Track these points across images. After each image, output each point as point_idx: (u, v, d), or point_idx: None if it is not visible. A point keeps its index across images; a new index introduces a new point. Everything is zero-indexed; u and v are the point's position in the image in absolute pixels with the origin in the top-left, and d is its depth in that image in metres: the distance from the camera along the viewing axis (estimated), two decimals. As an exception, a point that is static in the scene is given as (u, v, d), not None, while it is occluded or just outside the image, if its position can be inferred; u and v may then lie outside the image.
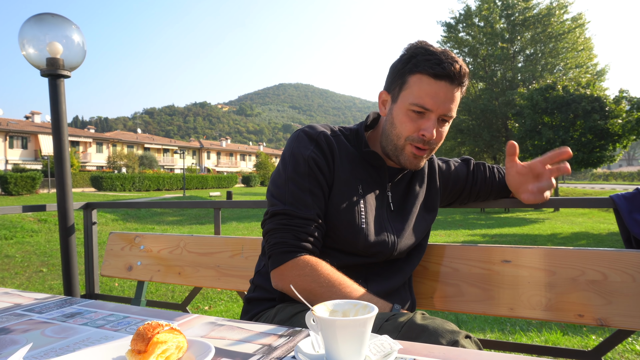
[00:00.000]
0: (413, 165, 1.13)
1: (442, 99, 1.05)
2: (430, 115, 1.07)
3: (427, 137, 1.07)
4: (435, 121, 1.07)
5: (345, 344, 0.65)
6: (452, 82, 1.05)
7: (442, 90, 1.05)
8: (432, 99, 1.05)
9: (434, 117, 1.07)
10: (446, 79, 1.04)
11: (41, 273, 6.57)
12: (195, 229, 13.29)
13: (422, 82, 1.05)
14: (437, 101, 1.05)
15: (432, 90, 1.05)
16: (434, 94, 1.05)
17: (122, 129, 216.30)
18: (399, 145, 1.12)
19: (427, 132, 1.07)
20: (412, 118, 1.08)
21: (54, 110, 2.13)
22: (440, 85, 1.04)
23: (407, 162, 1.13)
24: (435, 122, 1.07)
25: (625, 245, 1.41)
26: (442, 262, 1.42)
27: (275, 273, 1.07)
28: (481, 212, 18.73)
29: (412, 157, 1.12)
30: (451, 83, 1.05)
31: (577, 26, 27.24)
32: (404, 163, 1.14)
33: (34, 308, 1.02)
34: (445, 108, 1.06)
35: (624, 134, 18.60)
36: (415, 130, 1.08)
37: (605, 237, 10.19)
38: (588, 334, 3.46)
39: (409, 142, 1.10)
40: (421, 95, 1.05)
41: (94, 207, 2.42)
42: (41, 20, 2.11)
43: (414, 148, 1.11)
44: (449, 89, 1.05)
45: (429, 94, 1.05)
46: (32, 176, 23.11)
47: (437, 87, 1.04)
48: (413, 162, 1.13)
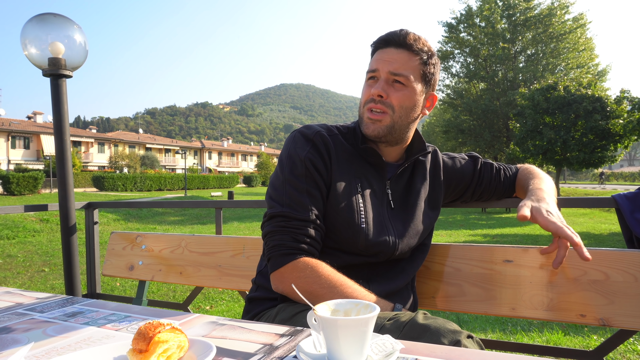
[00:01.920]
0: (370, 130, 1.14)
1: (387, 59, 1.12)
2: (379, 75, 1.13)
3: (373, 93, 1.12)
4: (384, 82, 1.12)
5: (346, 344, 0.65)
6: (398, 46, 1.12)
7: (388, 54, 1.12)
8: (377, 61, 1.13)
9: (382, 77, 1.12)
10: (391, 44, 1.13)
11: (43, 273, 6.58)
12: (196, 228, 13.30)
13: (375, 54, 1.16)
14: (382, 62, 1.12)
15: (379, 56, 1.14)
16: (380, 58, 1.13)
17: (124, 129, 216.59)
18: (361, 114, 1.18)
19: (374, 89, 1.12)
20: (369, 85, 1.16)
21: (56, 110, 2.13)
22: (387, 51, 1.13)
23: (365, 127, 1.16)
24: (383, 82, 1.12)
25: (627, 245, 1.41)
26: (443, 261, 1.42)
27: (275, 276, 1.07)
28: (482, 212, 18.71)
29: (368, 121, 1.14)
30: (397, 47, 1.12)
31: (579, 26, 27.21)
32: (365, 131, 1.16)
33: (36, 307, 1.02)
34: (391, 67, 1.11)
35: (625, 134, 18.58)
36: (369, 94, 1.14)
37: (607, 237, 10.16)
38: (590, 334, 3.46)
39: (367, 108, 1.15)
40: (371, 63, 1.15)
41: (96, 206, 2.42)
42: (43, 20, 2.11)
43: (369, 112, 1.14)
44: (396, 52, 1.12)
45: (376, 59, 1.14)
46: (34, 176, 23.14)
47: (384, 52, 1.13)
48: (369, 126, 1.14)
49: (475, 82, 31.18)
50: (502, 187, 1.39)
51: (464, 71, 31.41)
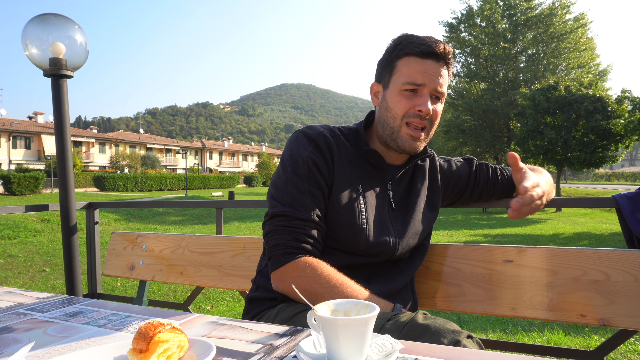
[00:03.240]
0: (412, 147, 1.13)
1: (432, 74, 1.08)
2: (423, 90, 1.09)
3: (423, 111, 1.09)
4: (428, 97, 1.09)
5: (346, 344, 0.65)
6: (438, 60, 1.09)
7: (430, 67, 1.08)
8: (422, 75, 1.08)
9: (426, 92, 1.09)
10: (432, 57, 1.08)
11: (44, 272, 6.59)
12: (197, 228, 13.31)
13: (410, 62, 1.09)
14: (427, 76, 1.08)
15: (421, 68, 1.08)
16: (423, 71, 1.08)
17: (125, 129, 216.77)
18: (395, 127, 1.13)
19: (422, 106, 1.08)
20: (406, 96, 1.10)
21: (57, 110, 2.13)
22: (428, 63, 1.08)
23: (405, 144, 1.13)
24: (428, 97, 1.09)
25: (627, 245, 1.41)
26: (444, 262, 1.42)
27: (276, 275, 1.07)
28: (483, 212, 18.70)
29: (410, 138, 1.12)
30: (437, 61, 1.09)
31: (579, 26, 27.17)
32: (402, 146, 1.13)
33: (37, 307, 1.02)
34: (436, 83, 1.09)
35: (626, 134, 18.54)
36: (410, 107, 1.10)
37: (608, 237, 10.15)
38: (590, 334, 3.45)
39: (404, 122, 1.11)
40: (411, 74, 1.08)
41: (97, 206, 2.43)
42: (44, 20, 2.11)
43: (410, 129, 1.11)
44: (436, 66, 1.09)
45: (419, 71, 1.08)
46: (35, 176, 23.16)
47: (425, 64, 1.08)
48: (411, 143, 1.13)
49: (476, 82, 31.15)
50: (501, 187, 1.39)
51: (465, 71, 31.38)
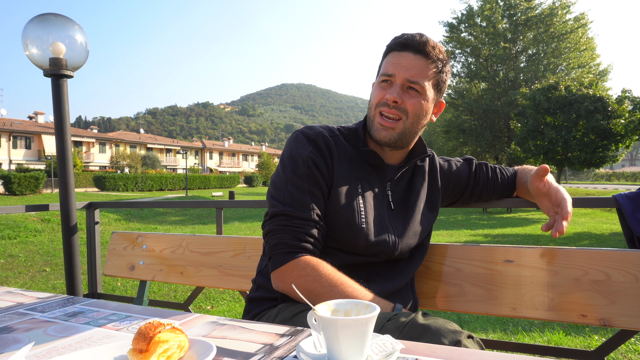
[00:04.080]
0: (381, 136, 1.14)
1: (405, 65, 1.10)
2: (395, 80, 1.11)
3: (389, 98, 1.10)
4: (399, 87, 1.11)
5: (347, 344, 0.65)
6: (416, 52, 1.10)
7: (405, 59, 1.10)
8: (394, 66, 1.11)
9: (397, 82, 1.11)
10: (409, 49, 1.10)
11: (44, 272, 6.59)
12: (197, 228, 13.31)
13: (389, 56, 1.14)
14: (399, 67, 1.10)
15: (395, 60, 1.12)
16: (396, 62, 1.11)
17: (125, 129, 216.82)
18: (371, 116, 1.17)
19: (389, 94, 1.10)
20: (382, 87, 1.14)
21: (57, 110, 2.13)
22: (404, 55, 1.11)
23: (376, 133, 1.15)
24: (399, 87, 1.11)
25: (628, 245, 1.40)
26: (444, 261, 1.42)
27: (276, 274, 1.07)
28: (483, 212, 18.70)
29: (380, 127, 1.14)
30: (415, 53, 1.10)
31: (580, 26, 27.17)
32: (375, 135, 1.15)
33: (37, 307, 1.02)
34: (408, 73, 1.10)
35: (627, 134, 18.54)
36: (382, 97, 1.13)
37: (608, 237, 10.15)
38: (591, 334, 3.45)
39: (378, 112, 1.14)
40: (386, 67, 1.13)
41: (97, 206, 2.43)
42: (44, 20, 2.11)
43: (382, 118, 1.13)
44: (413, 57, 1.10)
45: (393, 63, 1.12)
46: (36, 176, 23.17)
47: (401, 56, 1.11)
48: (380, 132, 1.14)
49: (476, 82, 31.16)
50: (501, 186, 1.40)
51: (465, 71, 31.39)
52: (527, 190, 1.35)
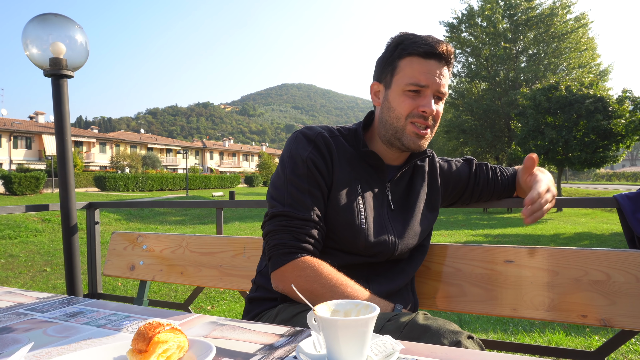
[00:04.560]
0: (417, 145, 1.14)
1: (435, 75, 1.09)
2: (426, 91, 1.10)
3: (427, 112, 1.09)
4: (431, 97, 1.10)
5: (346, 344, 0.65)
6: (440, 60, 1.09)
7: (433, 68, 1.09)
8: (425, 76, 1.08)
9: (429, 93, 1.10)
10: (434, 57, 1.09)
11: (45, 272, 6.60)
12: (197, 228, 13.31)
13: (412, 62, 1.09)
14: (431, 77, 1.09)
15: (424, 69, 1.08)
16: (426, 72, 1.08)
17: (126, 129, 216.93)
18: (399, 127, 1.13)
19: (426, 107, 1.09)
20: (410, 97, 1.11)
21: (57, 110, 2.13)
22: (430, 64, 1.09)
23: (410, 142, 1.13)
24: (431, 97, 1.10)
25: (628, 245, 1.40)
26: (444, 262, 1.41)
27: (276, 275, 1.07)
28: (484, 212, 18.69)
29: (415, 137, 1.13)
30: (439, 61, 1.09)
31: (580, 26, 27.15)
32: (408, 144, 1.14)
33: (36, 307, 1.02)
34: (439, 84, 1.10)
35: (627, 134, 18.52)
36: (414, 108, 1.10)
37: (609, 237, 10.15)
38: (591, 335, 3.45)
39: (409, 122, 1.12)
40: (414, 75, 1.09)
41: (97, 206, 2.43)
42: (44, 20, 2.11)
43: (414, 127, 1.12)
44: (438, 66, 1.09)
45: (422, 72, 1.08)
46: (36, 176, 23.18)
47: (428, 65, 1.08)
48: (416, 141, 1.13)
49: (476, 82, 31.14)
50: (501, 186, 1.40)
51: (466, 71, 31.38)
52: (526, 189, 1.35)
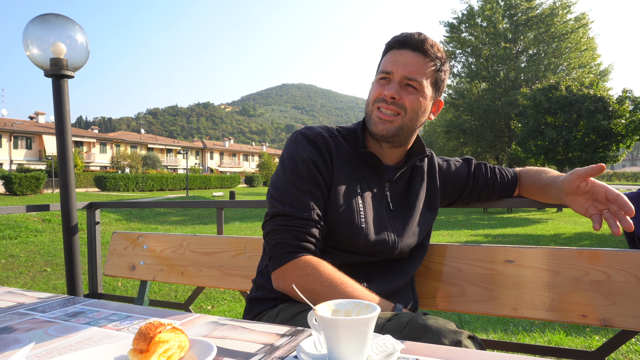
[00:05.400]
0: (379, 129, 1.14)
1: (403, 63, 1.11)
2: (393, 77, 1.12)
3: (386, 95, 1.12)
4: (397, 84, 1.12)
5: (347, 344, 0.65)
6: (414, 49, 1.12)
7: (404, 57, 1.12)
8: (392, 63, 1.12)
9: (396, 79, 1.12)
10: (407, 47, 1.12)
11: (45, 272, 6.60)
12: (198, 228, 13.31)
13: (388, 54, 1.15)
14: (398, 65, 1.11)
15: (394, 58, 1.13)
16: (395, 60, 1.12)
17: (126, 129, 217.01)
18: (368, 112, 1.18)
19: (388, 90, 1.11)
20: (380, 84, 1.15)
21: (58, 111, 2.13)
22: (403, 53, 1.12)
23: (373, 126, 1.15)
24: (396, 84, 1.12)
25: (628, 246, 1.41)
26: (444, 262, 1.41)
27: (277, 274, 1.07)
28: (484, 212, 18.69)
29: (378, 120, 1.14)
30: (413, 50, 1.12)
31: (581, 26, 27.16)
32: (373, 129, 1.16)
33: (37, 307, 1.02)
34: (406, 70, 1.11)
35: (628, 134, 18.53)
36: (380, 93, 1.14)
37: (609, 237, 10.14)
38: (591, 335, 3.45)
39: (375, 107, 1.15)
40: (385, 64, 1.14)
41: (98, 206, 2.43)
42: (45, 20, 2.11)
43: (378, 111, 1.14)
44: (412, 55, 1.12)
45: (391, 60, 1.13)
46: (36, 176, 23.19)
47: (400, 54, 1.12)
48: (378, 125, 1.14)
49: (476, 82, 31.15)
50: (500, 187, 1.39)
51: (466, 71, 31.39)
52: (538, 190, 1.33)
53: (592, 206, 1.15)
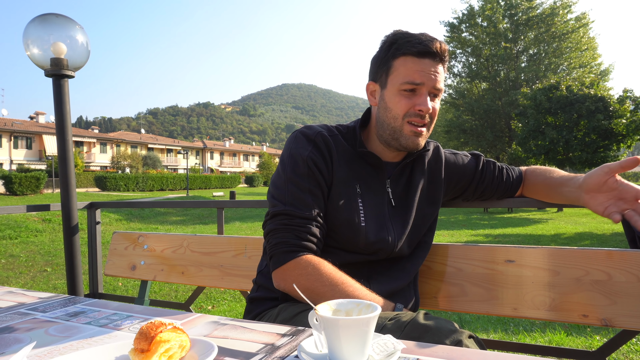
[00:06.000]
0: (415, 144, 1.13)
1: (429, 72, 1.09)
2: (422, 89, 1.10)
3: (424, 110, 1.10)
4: (427, 95, 1.10)
5: (348, 344, 0.65)
6: (435, 58, 1.10)
7: (427, 66, 1.09)
8: (420, 74, 1.09)
9: (425, 91, 1.10)
10: (428, 56, 1.09)
11: (45, 272, 6.60)
12: (198, 228, 13.31)
13: (407, 62, 1.10)
14: (426, 76, 1.09)
15: (418, 67, 1.09)
16: (421, 70, 1.09)
17: (126, 129, 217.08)
18: (396, 126, 1.13)
19: (423, 105, 1.09)
20: (406, 96, 1.11)
21: (58, 111, 2.13)
22: (425, 62, 1.09)
23: (408, 142, 1.13)
24: (427, 96, 1.10)
25: (630, 245, 1.40)
26: (445, 261, 1.41)
27: (277, 273, 1.07)
28: (484, 212, 18.68)
29: (413, 135, 1.13)
30: (433, 59, 1.10)
31: (581, 26, 27.15)
32: (406, 144, 1.14)
33: (38, 307, 1.02)
34: (434, 80, 1.10)
35: (628, 133, 18.52)
36: (410, 107, 1.11)
37: (609, 237, 10.14)
38: (592, 335, 3.45)
39: (406, 121, 1.12)
40: (409, 74, 1.09)
41: (98, 206, 2.43)
42: (45, 20, 2.11)
43: (412, 126, 1.12)
44: (433, 64, 1.10)
45: (416, 70, 1.09)
46: (37, 176, 23.20)
47: (422, 63, 1.09)
48: (415, 140, 1.13)
49: (477, 82, 31.15)
50: (504, 186, 1.38)
51: (466, 71, 31.39)
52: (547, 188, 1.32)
53: (613, 205, 1.15)
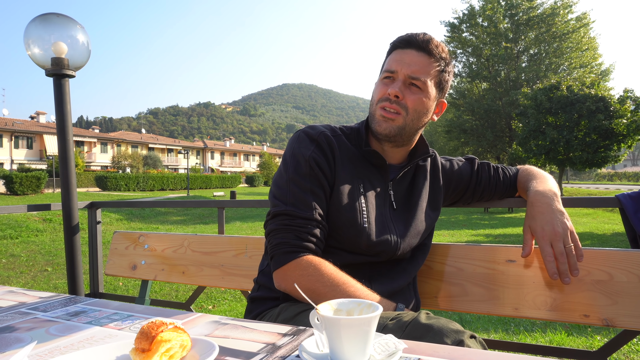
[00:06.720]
0: (382, 128, 1.14)
1: (407, 62, 1.11)
2: (397, 76, 1.12)
3: (390, 93, 1.11)
4: (401, 83, 1.11)
5: (349, 343, 0.65)
6: (419, 49, 1.12)
7: (408, 56, 1.12)
8: (396, 62, 1.12)
9: (399, 78, 1.12)
10: (412, 46, 1.12)
11: (46, 272, 6.60)
12: (199, 228, 13.31)
13: (393, 54, 1.15)
14: (402, 64, 1.11)
15: (399, 57, 1.13)
16: (399, 59, 1.12)
17: (127, 129, 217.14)
18: (372, 112, 1.17)
19: (391, 89, 1.11)
20: (384, 84, 1.14)
21: (59, 110, 2.13)
22: (407, 52, 1.12)
23: (376, 125, 1.14)
24: (400, 83, 1.11)
25: (631, 245, 1.40)
26: (446, 261, 1.41)
27: (278, 273, 1.07)
28: (485, 212, 18.67)
29: (382, 119, 1.13)
30: (418, 50, 1.12)
31: (582, 26, 27.13)
32: (376, 129, 1.15)
33: (39, 307, 1.02)
34: (410, 69, 1.11)
35: (629, 133, 18.51)
36: (384, 93, 1.13)
37: (610, 237, 10.13)
38: (593, 335, 3.45)
39: (379, 106, 1.14)
40: (389, 63, 1.14)
41: (99, 206, 2.43)
42: (46, 20, 2.11)
43: (382, 110, 1.13)
44: (416, 54, 1.11)
45: (396, 59, 1.13)
46: (37, 176, 23.21)
47: (404, 53, 1.12)
48: (382, 124, 1.13)
49: (477, 82, 31.13)
50: (503, 186, 1.40)
51: (467, 71, 31.37)
52: (522, 191, 1.36)
53: None
